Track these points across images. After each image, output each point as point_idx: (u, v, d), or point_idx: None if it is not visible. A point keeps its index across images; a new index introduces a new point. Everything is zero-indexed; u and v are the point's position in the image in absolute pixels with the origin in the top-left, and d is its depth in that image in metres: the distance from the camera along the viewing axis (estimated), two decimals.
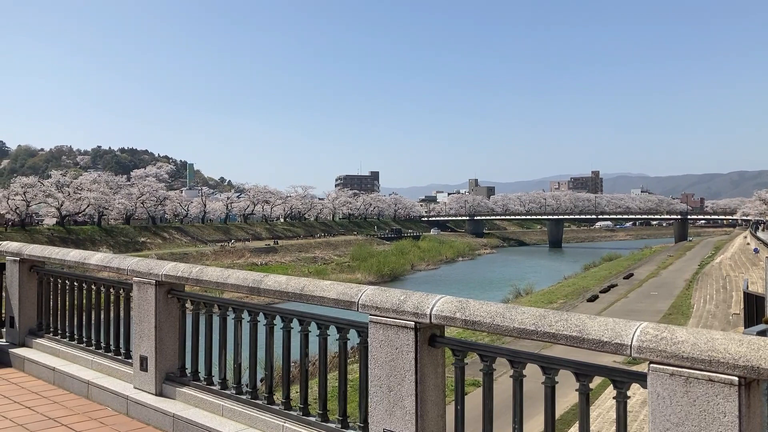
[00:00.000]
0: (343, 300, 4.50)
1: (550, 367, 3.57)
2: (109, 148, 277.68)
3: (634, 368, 3.81)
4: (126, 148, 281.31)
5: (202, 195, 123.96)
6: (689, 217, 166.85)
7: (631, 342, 3.12)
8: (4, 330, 8.36)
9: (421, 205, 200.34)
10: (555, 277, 79.00)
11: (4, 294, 8.39)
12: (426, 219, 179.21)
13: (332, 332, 4.73)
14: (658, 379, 3.04)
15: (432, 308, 3.96)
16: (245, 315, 5.40)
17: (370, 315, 4.29)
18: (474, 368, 3.93)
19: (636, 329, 3.16)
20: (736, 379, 2.81)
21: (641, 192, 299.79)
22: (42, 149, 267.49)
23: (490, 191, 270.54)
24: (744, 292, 23.73)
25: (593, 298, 52.23)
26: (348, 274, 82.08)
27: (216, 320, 5.68)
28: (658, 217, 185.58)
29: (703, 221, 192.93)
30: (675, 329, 3.09)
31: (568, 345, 3.40)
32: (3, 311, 8.44)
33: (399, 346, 4.11)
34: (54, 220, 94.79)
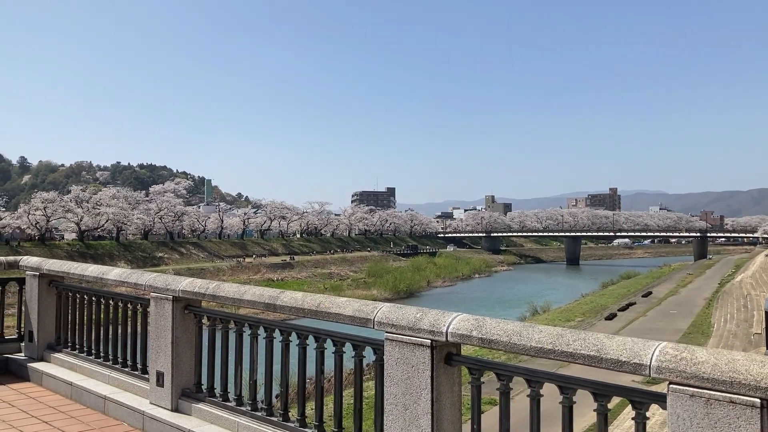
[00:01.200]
0: (359, 317, 4.49)
1: (567, 386, 3.53)
2: (129, 164, 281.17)
3: (654, 388, 3.76)
4: (145, 164, 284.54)
5: (219, 211, 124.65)
6: (709, 235, 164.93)
7: (650, 362, 3.08)
8: (23, 344, 8.42)
9: (438, 222, 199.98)
10: (572, 294, 78.33)
11: (23, 308, 8.47)
12: (442, 235, 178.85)
13: (348, 349, 4.72)
14: (678, 400, 3.00)
15: (448, 326, 3.94)
16: (261, 331, 5.40)
17: (386, 332, 4.27)
18: (490, 387, 3.90)
19: (655, 349, 3.12)
20: (758, 401, 2.76)
21: (659, 209, 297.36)
22: (62, 165, 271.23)
23: (507, 208, 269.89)
24: (765, 312, 23.39)
25: (611, 317, 51.67)
26: (364, 291, 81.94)
27: (232, 336, 5.69)
28: (677, 234, 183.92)
29: (723, 239, 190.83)
30: (695, 349, 3.05)
31: (586, 364, 3.36)
32: (22, 325, 8.51)
33: (415, 364, 4.09)
34: (73, 235, 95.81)
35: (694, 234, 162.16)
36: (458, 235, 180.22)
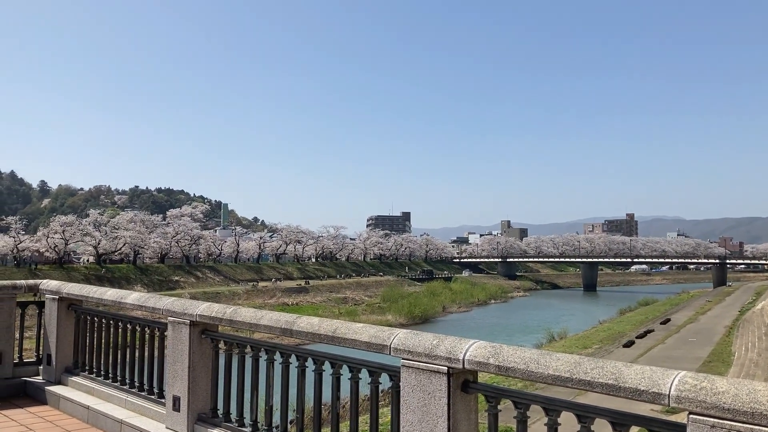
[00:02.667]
0: (375, 343, 4.49)
1: (585, 415, 3.50)
2: (146, 188, 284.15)
3: (673, 418, 3.72)
4: (163, 188, 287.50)
5: (235, 235, 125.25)
6: (728, 261, 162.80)
7: (669, 391, 3.05)
8: (41, 367, 8.48)
9: (453, 247, 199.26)
10: (590, 321, 77.46)
11: (42, 332, 8.54)
12: (458, 260, 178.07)
13: (364, 375, 4.71)
14: (698, 430, 2.96)
15: (465, 353, 3.93)
16: (277, 356, 5.42)
17: (402, 359, 4.27)
18: (507, 415, 3.87)
19: (674, 378, 3.10)
20: None
21: (677, 235, 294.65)
22: (81, 189, 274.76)
23: (523, 233, 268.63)
24: None
25: (629, 344, 50.97)
26: (379, 316, 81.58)
27: (248, 361, 5.71)
28: (696, 261, 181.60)
29: (742, 266, 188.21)
30: (715, 379, 3.02)
31: (604, 393, 3.34)
32: (40, 349, 8.58)
33: (431, 391, 4.07)
34: (91, 259, 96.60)
35: (713, 260, 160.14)
36: (474, 260, 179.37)
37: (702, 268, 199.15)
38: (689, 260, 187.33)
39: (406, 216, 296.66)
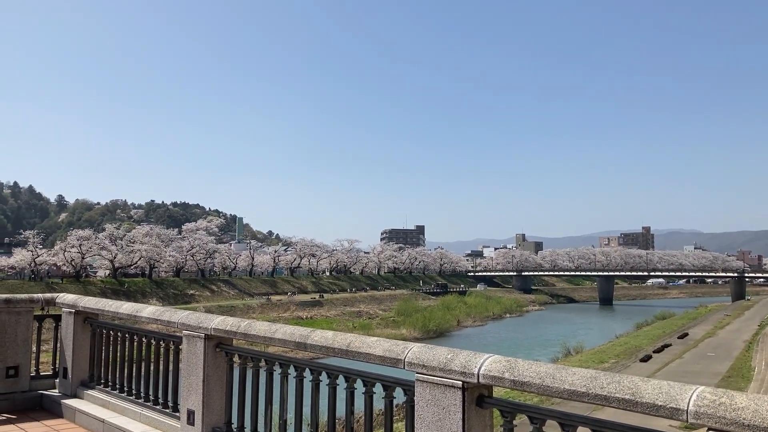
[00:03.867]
0: (389, 357, 4.47)
1: (602, 430, 3.46)
2: (162, 202, 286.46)
3: None
4: (178, 202, 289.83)
5: (250, 248, 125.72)
6: (747, 275, 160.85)
7: (688, 407, 3.01)
8: (57, 380, 8.53)
9: (467, 260, 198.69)
10: (606, 335, 76.73)
11: (58, 345, 8.60)
12: (472, 274, 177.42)
13: (378, 390, 4.69)
14: None
15: (480, 368, 3.90)
16: (291, 370, 5.41)
17: (417, 373, 4.25)
18: (522, 430, 3.83)
19: (692, 393, 3.06)
20: None
21: (695, 249, 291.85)
22: (98, 203, 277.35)
23: (538, 246, 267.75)
24: None
25: (646, 358, 50.40)
26: (393, 330, 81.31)
27: (263, 375, 5.70)
28: (714, 274, 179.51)
29: (761, 279, 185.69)
30: (734, 394, 2.97)
31: (621, 408, 3.30)
32: (57, 362, 8.63)
33: (446, 406, 4.04)
34: (107, 272, 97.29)
35: (731, 274, 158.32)
36: (488, 273, 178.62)
37: (720, 282, 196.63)
38: (707, 274, 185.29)
39: (420, 229, 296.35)
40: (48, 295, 8.90)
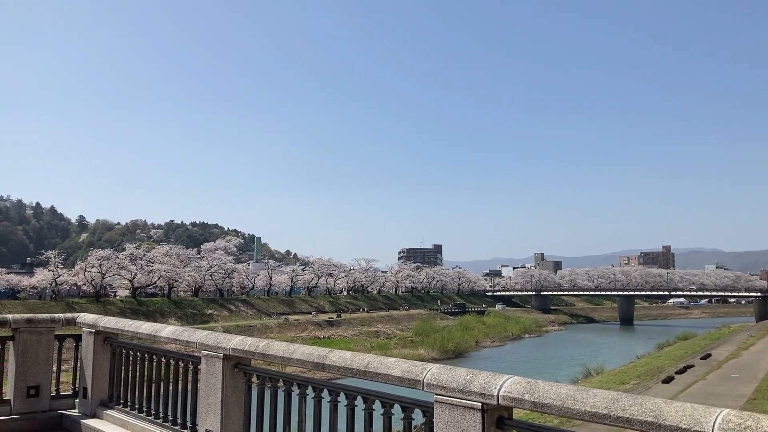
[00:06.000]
0: (407, 378, 4.45)
1: None
2: (182, 222, 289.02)
3: None
4: (197, 222, 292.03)
5: (268, 268, 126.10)
6: None
7: (712, 430, 2.96)
8: (77, 400, 8.57)
9: (486, 280, 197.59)
10: (627, 356, 75.74)
11: (78, 365, 8.65)
12: (491, 294, 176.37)
13: (396, 411, 4.66)
14: None
15: (500, 389, 3.87)
16: (309, 391, 5.40)
17: (436, 394, 4.22)
18: None
19: (717, 416, 3.00)
20: None
21: (716, 268, 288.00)
22: (119, 223, 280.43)
23: (557, 266, 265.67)
24: None
25: (668, 380, 49.59)
26: (411, 350, 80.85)
27: (281, 395, 5.69)
28: (737, 294, 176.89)
29: None
30: (761, 418, 2.92)
31: (643, 431, 3.25)
32: (77, 382, 8.68)
33: (465, 428, 4.01)
34: (126, 292, 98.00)
35: (755, 294, 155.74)
36: (507, 293, 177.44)
37: (743, 302, 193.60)
38: (729, 293, 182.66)
39: (438, 249, 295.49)
40: (69, 314, 8.98)
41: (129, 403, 7.78)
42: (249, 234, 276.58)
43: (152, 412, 7.34)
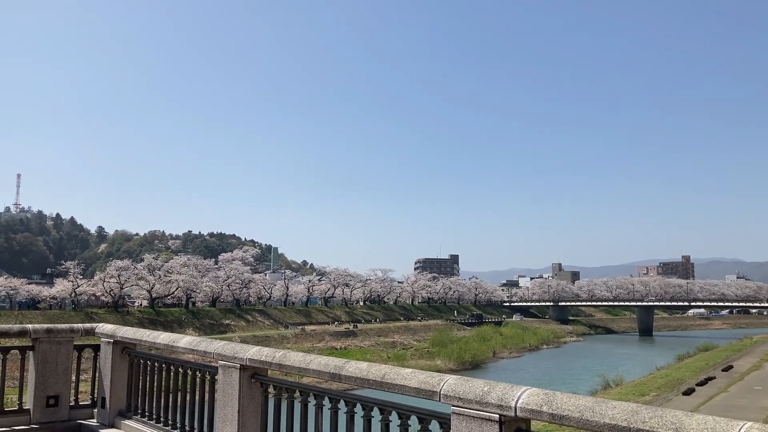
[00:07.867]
0: (424, 389, 4.43)
1: None
2: (199, 232, 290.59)
3: None
4: (215, 232, 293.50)
5: (285, 278, 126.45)
6: None
7: None
8: (96, 410, 8.62)
9: (503, 290, 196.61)
10: (646, 367, 74.93)
11: (97, 375, 8.71)
12: (508, 304, 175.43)
13: (413, 422, 4.64)
14: None
15: (517, 400, 3.84)
16: (326, 401, 5.39)
17: (453, 405, 4.20)
18: None
19: (740, 429, 2.96)
20: None
21: (737, 278, 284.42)
22: (137, 234, 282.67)
23: (575, 276, 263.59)
24: None
25: (689, 392, 48.98)
26: (427, 361, 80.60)
27: (297, 406, 5.69)
28: (759, 305, 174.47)
29: None
30: None
31: None
32: (95, 391, 8.73)
33: None
34: (145, 302, 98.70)
35: None
36: (524, 304, 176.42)
37: (765, 313, 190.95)
38: (751, 304, 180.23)
39: (455, 259, 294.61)
40: (87, 325, 9.05)
41: (147, 414, 7.81)
42: (266, 244, 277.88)
43: (170, 422, 7.36)
